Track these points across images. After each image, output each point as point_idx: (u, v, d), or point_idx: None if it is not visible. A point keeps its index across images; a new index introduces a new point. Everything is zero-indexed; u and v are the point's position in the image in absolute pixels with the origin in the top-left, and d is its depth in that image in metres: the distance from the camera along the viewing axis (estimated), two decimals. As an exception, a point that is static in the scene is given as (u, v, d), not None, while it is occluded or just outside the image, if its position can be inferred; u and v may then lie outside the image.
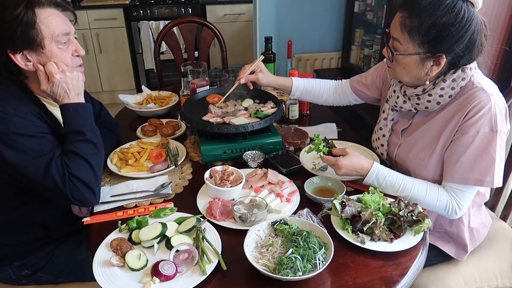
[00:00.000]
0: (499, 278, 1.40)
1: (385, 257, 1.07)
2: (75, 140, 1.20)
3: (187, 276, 1.02)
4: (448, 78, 1.21)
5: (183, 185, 1.40)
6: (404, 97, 1.32)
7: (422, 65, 1.20)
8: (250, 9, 3.99)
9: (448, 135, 1.24)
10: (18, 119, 1.15)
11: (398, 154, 1.40)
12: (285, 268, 0.97)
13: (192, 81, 1.84)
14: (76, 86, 1.25)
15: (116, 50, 4.08)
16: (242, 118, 1.50)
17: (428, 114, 1.31)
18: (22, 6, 1.16)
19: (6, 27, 1.15)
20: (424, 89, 1.25)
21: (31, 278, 1.39)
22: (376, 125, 1.51)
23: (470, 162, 1.19)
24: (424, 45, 1.16)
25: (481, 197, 1.39)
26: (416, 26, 1.14)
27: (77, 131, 1.21)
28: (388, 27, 1.25)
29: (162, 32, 2.53)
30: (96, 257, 1.07)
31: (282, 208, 1.23)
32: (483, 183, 1.19)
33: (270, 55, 1.98)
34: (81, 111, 1.25)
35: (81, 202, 1.20)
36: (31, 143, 1.16)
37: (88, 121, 1.26)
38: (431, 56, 1.18)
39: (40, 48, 1.20)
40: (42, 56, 1.21)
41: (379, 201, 1.17)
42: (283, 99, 1.78)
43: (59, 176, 1.15)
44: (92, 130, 1.24)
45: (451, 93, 1.23)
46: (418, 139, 1.32)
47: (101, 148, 1.26)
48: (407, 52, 1.19)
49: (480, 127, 1.17)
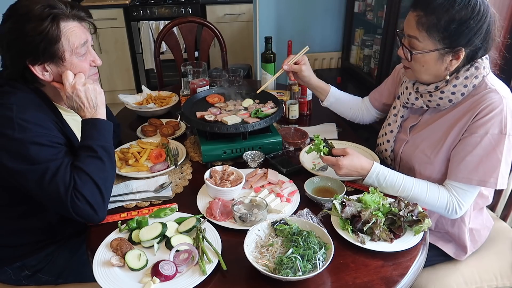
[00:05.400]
0: (499, 278, 1.40)
1: (385, 257, 1.07)
2: (85, 155, 1.18)
3: (187, 276, 1.02)
4: (461, 75, 1.22)
5: (183, 185, 1.40)
6: (416, 94, 1.33)
7: (442, 60, 1.20)
8: (250, 9, 3.99)
9: (456, 134, 1.24)
10: (36, 127, 1.14)
11: (405, 151, 1.40)
12: (285, 268, 0.97)
13: (192, 81, 1.84)
14: (91, 99, 1.22)
15: (116, 50, 4.08)
16: (235, 117, 1.51)
17: (438, 112, 1.31)
18: (48, 20, 1.14)
19: (28, 41, 1.13)
20: (436, 86, 1.26)
21: (31, 279, 1.39)
22: (384, 121, 1.51)
23: (476, 162, 1.18)
24: (444, 41, 1.16)
25: (484, 200, 1.39)
26: (435, 23, 1.15)
27: (88, 146, 1.18)
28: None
29: (162, 32, 2.53)
30: (96, 257, 1.07)
31: (282, 208, 1.23)
32: (486, 184, 1.19)
33: (270, 55, 1.98)
34: (98, 127, 1.22)
35: (82, 218, 1.15)
36: (44, 153, 1.13)
37: (104, 138, 1.22)
38: (450, 51, 1.18)
39: (61, 61, 1.20)
40: (61, 67, 1.21)
41: (379, 201, 1.17)
42: (283, 99, 1.78)
43: (63, 186, 1.11)
44: (105, 148, 1.20)
45: (463, 90, 1.22)
46: (426, 136, 1.32)
47: (111, 167, 1.22)
48: (426, 49, 1.19)
49: (489, 128, 1.16)
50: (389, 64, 2.70)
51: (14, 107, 1.14)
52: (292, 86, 1.88)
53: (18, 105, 1.15)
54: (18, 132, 1.11)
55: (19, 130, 1.11)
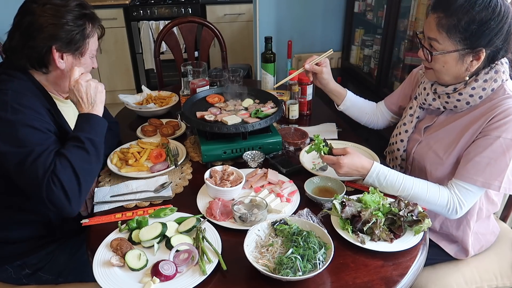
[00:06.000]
0: (499, 278, 1.40)
1: (385, 257, 1.07)
2: (71, 145, 1.19)
3: (187, 276, 1.02)
4: (480, 78, 1.22)
5: (183, 185, 1.40)
6: (434, 95, 1.33)
7: (462, 61, 1.20)
8: (250, 9, 3.99)
9: (470, 137, 1.24)
10: (30, 111, 1.18)
11: (417, 151, 1.40)
12: (285, 268, 0.97)
13: (192, 81, 1.84)
14: (91, 95, 1.26)
15: (116, 50, 4.08)
16: (235, 117, 1.51)
17: (454, 114, 1.31)
18: (87, 18, 1.30)
19: (67, 29, 1.24)
20: (455, 88, 1.26)
21: (31, 277, 1.39)
22: (399, 121, 1.51)
23: (484, 163, 1.18)
24: (465, 41, 1.17)
25: (494, 206, 1.39)
26: (455, 24, 1.15)
27: (77, 137, 1.20)
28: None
29: (162, 32, 2.53)
30: (96, 257, 1.07)
31: (282, 208, 1.23)
32: (490, 186, 1.19)
33: (270, 55, 1.98)
34: (91, 122, 1.25)
35: (54, 206, 1.12)
36: (33, 136, 1.16)
37: (94, 132, 1.23)
38: (470, 51, 1.18)
39: (80, 55, 1.32)
40: (77, 61, 1.32)
41: (379, 201, 1.17)
42: (283, 99, 1.78)
43: (42, 168, 1.11)
44: (93, 142, 1.21)
45: (481, 93, 1.22)
46: (440, 137, 1.32)
47: (96, 162, 1.22)
48: (446, 50, 1.20)
49: (503, 132, 1.16)
50: (389, 64, 2.70)
51: (10, 92, 1.19)
52: (292, 86, 1.88)
53: (14, 90, 1.20)
54: (10, 114, 1.15)
55: (12, 112, 1.15)
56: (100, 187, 1.40)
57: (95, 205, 1.31)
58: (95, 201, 1.33)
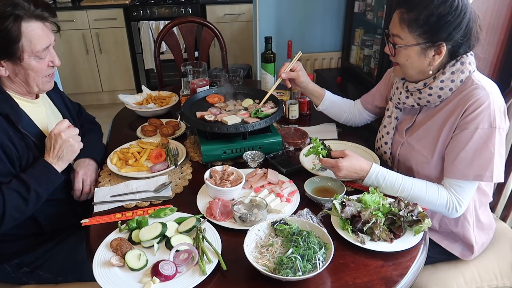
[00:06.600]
0: (499, 278, 1.41)
1: (385, 257, 1.07)
2: (16, 189, 1.19)
3: (187, 276, 1.02)
4: (447, 70, 1.25)
5: (183, 185, 1.40)
6: (406, 93, 1.36)
7: (424, 55, 1.24)
8: (250, 9, 3.99)
9: (447, 132, 1.26)
10: None
11: (401, 152, 1.42)
12: (285, 268, 0.97)
13: (192, 81, 1.84)
14: (62, 152, 1.28)
15: (116, 50, 4.08)
16: (235, 117, 1.51)
17: (431, 111, 1.33)
18: (10, 20, 1.15)
19: None
20: (425, 83, 1.29)
21: (30, 276, 1.39)
22: (380, 124, 1.53)
23: (470, 157, 1.20)
24: (425, 35, 1.21)
25: (486, 197, 1.40)
26: (415, 18, 1.20)
27: (27, 185, 1.20)
28: (388, 27, 1.30)
29: (162, 32, 2.53)
30: (96, 257, 1.07)
31: (282, 208, 1.23)
32: (483, 178, 1.20)
33: (270, 55, 1.98)
34: (51, 176, 1.26)
35: None
36: None
37: (46, 187, 1.25)
38: (431, 45, 1.22)
39: (18, 60, 1.21)
40: (18, 66, 1.23)
41: (379, 201, 1.17)
42: (283, 99, 1.78)
43: None
44: (38, 197, 1.22)
45: (451, 86, 1.26)
46: (421, 137, 1.34)
47: (28, 213, 1.24)
48: (408, 44, 1.24)
49: (479, 123, 1.19)
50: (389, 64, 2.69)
51: None
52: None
53: None
54: None
55: None
56: (100, 187, 1.40)
57: (95, 205, 1.31)
58: (95, 201, 1.32)
